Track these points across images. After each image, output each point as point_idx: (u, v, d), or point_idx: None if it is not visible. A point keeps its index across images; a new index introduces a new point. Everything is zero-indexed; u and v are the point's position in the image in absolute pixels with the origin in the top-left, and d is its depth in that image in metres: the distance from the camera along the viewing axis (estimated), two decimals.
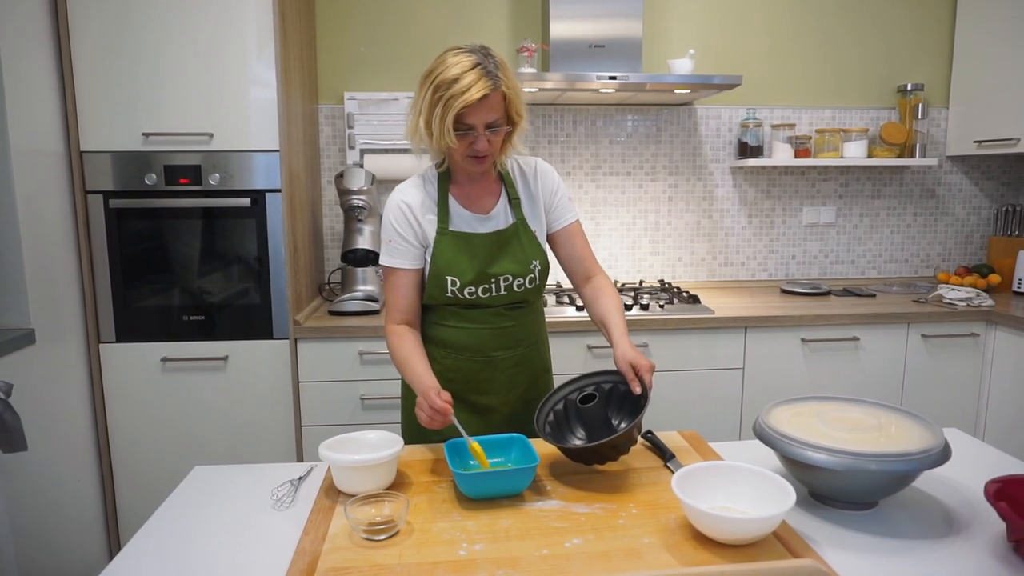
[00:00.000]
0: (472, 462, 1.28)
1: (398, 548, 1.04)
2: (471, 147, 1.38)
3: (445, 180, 1.50)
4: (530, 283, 1.51)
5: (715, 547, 1.02)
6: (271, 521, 1.17)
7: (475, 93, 1.30)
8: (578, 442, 1.37)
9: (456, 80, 1.31)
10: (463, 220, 1.49)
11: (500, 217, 1.51)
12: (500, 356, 1.54)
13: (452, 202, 1.50)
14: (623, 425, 1.35)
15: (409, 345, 1.46)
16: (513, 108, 1.39)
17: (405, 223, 1.47)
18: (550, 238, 1.58)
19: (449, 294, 1.48)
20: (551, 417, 1.39)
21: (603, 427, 1.31)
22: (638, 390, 1.31)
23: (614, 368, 1.38)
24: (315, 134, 2.78)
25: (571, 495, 1.21)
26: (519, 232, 1.51)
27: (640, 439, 1.44)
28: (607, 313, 1.49)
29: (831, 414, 1.24)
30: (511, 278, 1.49)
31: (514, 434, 1.33)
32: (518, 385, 1.57)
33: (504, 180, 1.53)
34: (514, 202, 1.52)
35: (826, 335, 2.50)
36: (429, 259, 1.48)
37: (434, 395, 1.30)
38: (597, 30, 2.59)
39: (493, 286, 1.49)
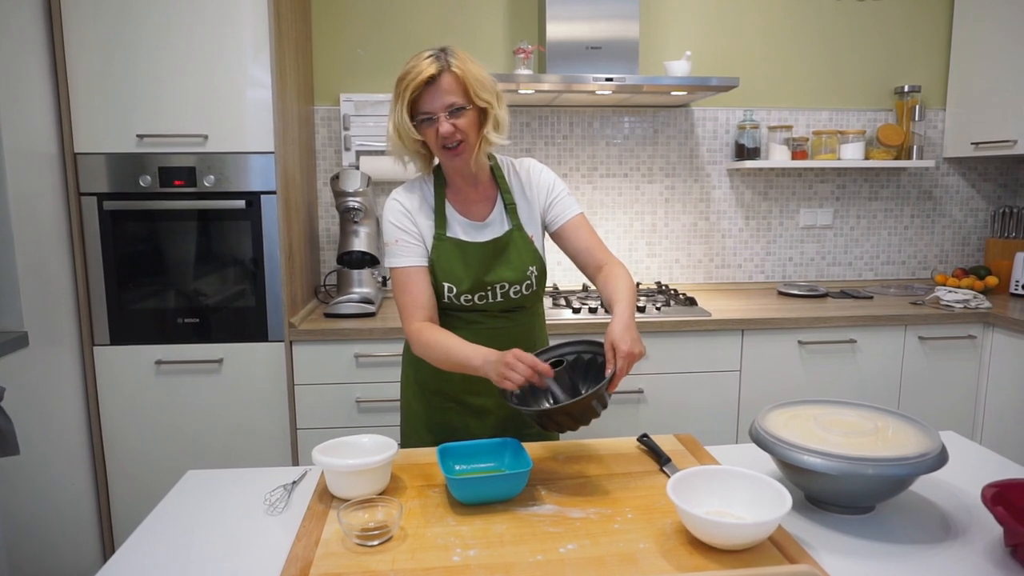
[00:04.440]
0: (463, 466, 1.28)
1: (391, 554, 1.03)
2: (438, 135, 1.38)
3: (441, 186, 1.50)
4: (526, 289, 1.51)
5: (711, 552, 1.01)
6: (264, 526, 1.16)
7: (422, 75, 1.34)
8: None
9: (408, 72, 1.36)
10: (460, 227, 1.49)
11: (496, 224, 1.50)
12: None
13: (448, 208, 1.49)
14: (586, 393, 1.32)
15: (445, 333, 1.40)
16: (472, 90, 1.37)
17: (408, 221, 1.47)
18: (555, 236, 1.56)
19: (446, 299, 1.48)
20: (513, 394, 1.36)
21: (571, 395, 1.31)
22: (610, 371, 1.25)
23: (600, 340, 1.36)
24: (311, 136, 2.77)
25: (565, 500, 1.20)
26: (515, 239, 1.50)
27: (636, 442, 1.43)
28: (614, 292, 1.41)
29: (827, 418, 1.24)
30: (507, 285, 1.49)
31: (507, 438, 1.32)
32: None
33: (499, 184, 1.52)
34: (510, 208, 1.51)
35: (823, 337, 2.49)
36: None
37: (529, 357, 1.23)
38: (594, 32, 2.59)
39: (489, 293, 1.48)
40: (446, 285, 1.46)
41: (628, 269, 1.50)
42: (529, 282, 1.51)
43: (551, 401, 1.34)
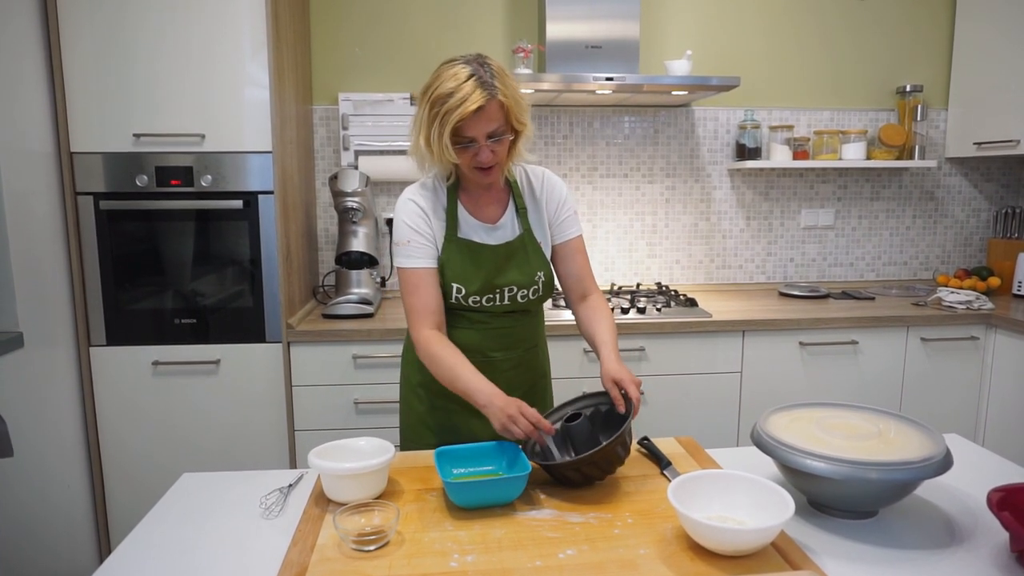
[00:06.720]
0: (460, 470, 1.26)
1: (388, 559, 1.02)
2: (475, 159, 1.37)
3: (454, 187, 1.50)
4: (533, 294, 1.51)
5: (712, 558, 1.00)
6: (260, 530, 1.14)
7: (470, 105, 1.28)
8: None
9: (451, 94, 1.29)
10: (471, 228, 1.48)
11: (507, 227, 1.50)
12: (499, 357, 1.53)
13: (460, 209, 1.49)
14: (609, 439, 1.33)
15: (456, 353, 1.39)
16: (513, 116, 1.37)
17: (422, 222, 1.45)
18: (551, 251, 1.57)
19: (453, 300, 1.47)
20: (537, 448, 1.36)
21: (592, 448, 1.29)
22: (623, 409, 1.30)
23: (601, 390, 1.37)
24: (309, 135, 2.76)
25: (565, 504, 1.18)
26: (525, 243, 1.50)
27: (636, 446, 1.42)
28: (598, 332, 1.47)
29: (830, 420, 1.22)
30: (515, 289, 1.49)
31: (505, 441, 1.31)
32: (517, 388, 1.55)
33: (512, 189, 1.52)
34: (521, 212, 1.51)
35: (824, 338, 2.48)
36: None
37: (533, 412, 1.26)
38: (594, 31, 2.57)
39: (497, 296, 1.48)
40: (455, 286, 1.45)
41: (608, 302, 1.54)
42: (536, 287, 1.51)
43: (572, 455, 1.33)
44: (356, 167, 2.75)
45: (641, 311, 2.46)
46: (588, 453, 1.18)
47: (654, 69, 2.88)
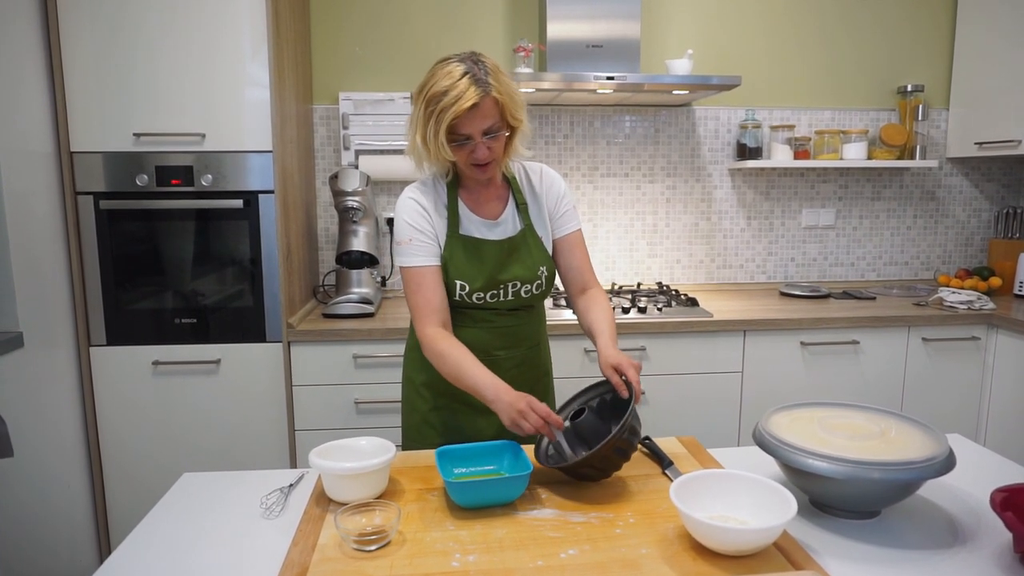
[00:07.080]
0: (462, 469, 1.26)
1: (389, 559, 1.02)
2: (471, 156, 1.38)
3: (454, 184, 1.50)
4: (536, 289, 1.52)
5: (714, 558, 1.00)
6: (260, 530, 1.14)
7: (464, 102, 1.29)
8: None
9: (446, 92, 1.30)
10: (472, 225, 1.49)
11: (508, 223, 1.51)
12: (503, 356, 1.53)
13: (461, 206, 1.49)
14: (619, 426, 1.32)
15: (461, 349, 1.39)
16: (508, 112, 1.37)
17: (423, 220, 1.46)
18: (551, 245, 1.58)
19: (457, 298, 1.48)
20: (551, 451, 1.36)
21: (605, 438, 1.28)
22: (625, 394, 1.29)
23: (601, 379, 1.37)
24: (309, 135, 2.75)
25: (566, 504, 1.18)
26: (527, 238, 1.50)
27: (637, 445, 1.41)
28: (595, 321, 1.47)
29: (831, 420, 1.22)
30: (519, 284, 1.49)
31: (507, 441, 1.31)
32: (520, 387, 1.53)
33: (511, 185, 1.53)
34: (522, 207, 1.52)
35: (825, 338, 2.47)
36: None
37: (543, 407, 1.26)
38: (594, 30, 2.57)
39: (501, 292, 1.48)
40: (458, 283, 1.46)
41: (607, 295, 1.53)
42: (539, 282, 1.51)
43: (586, 450, 1.31)
44: (356, 166, 2.75)
45: (642, 311, 2.46)
46: (598, 447, 1.17)
47: (655, 68, 2.88)
